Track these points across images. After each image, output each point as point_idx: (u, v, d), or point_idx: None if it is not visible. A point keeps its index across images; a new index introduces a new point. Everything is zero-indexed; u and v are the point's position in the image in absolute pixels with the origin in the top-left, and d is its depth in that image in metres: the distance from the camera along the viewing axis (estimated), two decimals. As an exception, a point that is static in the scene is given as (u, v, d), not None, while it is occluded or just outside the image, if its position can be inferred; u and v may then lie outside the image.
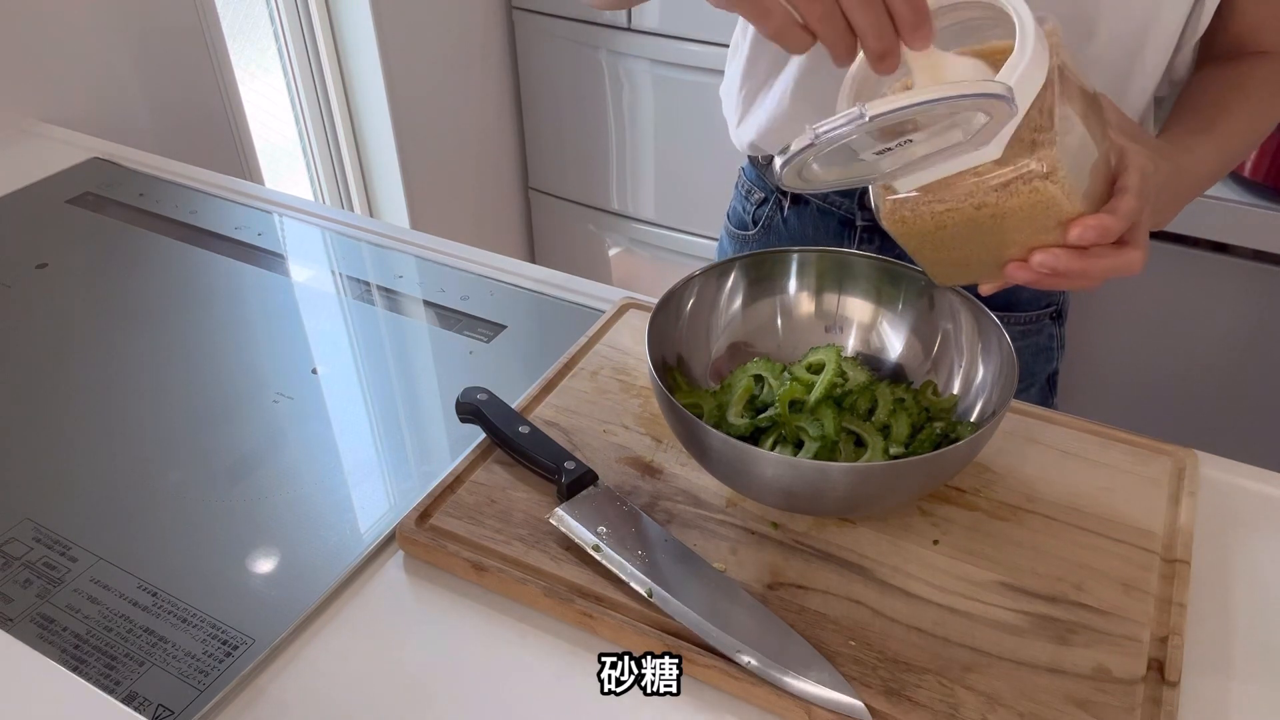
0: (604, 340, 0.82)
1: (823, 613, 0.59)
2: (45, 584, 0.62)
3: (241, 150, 1.53)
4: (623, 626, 0.57)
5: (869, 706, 0.53)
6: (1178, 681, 0.54)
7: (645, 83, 1.94)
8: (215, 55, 1.44)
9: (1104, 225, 0.53)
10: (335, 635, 0.60)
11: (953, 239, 0.56)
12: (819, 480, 0.58)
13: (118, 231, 1.03)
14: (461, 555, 0.62)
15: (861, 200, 0.87)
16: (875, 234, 0.88)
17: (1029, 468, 0.69)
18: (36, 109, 1.25)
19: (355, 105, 1.84)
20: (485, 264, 0.96)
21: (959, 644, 0.57)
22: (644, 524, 0.63)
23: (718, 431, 0.57)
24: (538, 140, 2.17)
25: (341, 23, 1.74)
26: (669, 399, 0.60)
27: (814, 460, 0.61)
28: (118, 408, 0.78)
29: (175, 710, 0.55)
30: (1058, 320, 0.93)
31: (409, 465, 0.73)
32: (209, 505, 0.69)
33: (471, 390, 0.72)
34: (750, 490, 0.63)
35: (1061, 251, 0.54)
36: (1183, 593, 0.59)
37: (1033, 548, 0.63)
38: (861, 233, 0.89)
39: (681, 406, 0.60)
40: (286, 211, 1.06)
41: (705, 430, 0.58)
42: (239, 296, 0.93)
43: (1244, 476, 0.70)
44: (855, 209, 0.87)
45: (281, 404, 0.78)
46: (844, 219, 0.89)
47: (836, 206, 0.89)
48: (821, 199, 0.90)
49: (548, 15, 1.97)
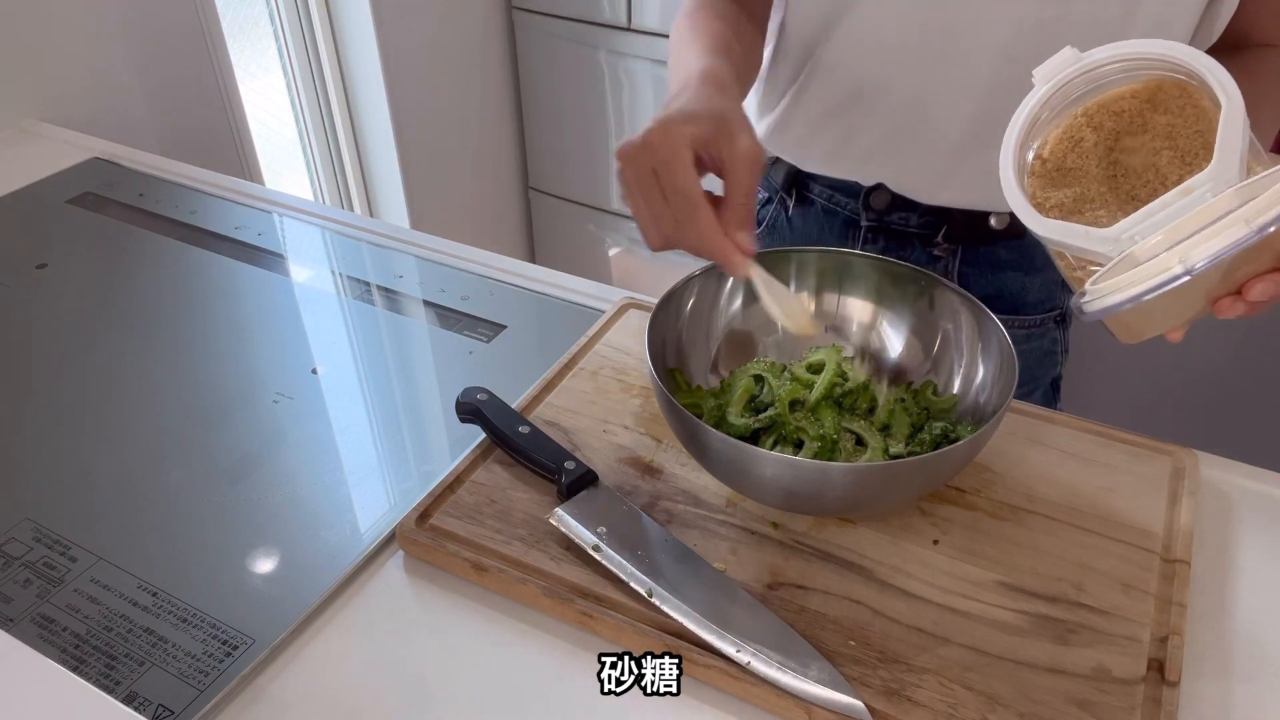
0: (604, 340, 0.82)
1: (823, 613, 0.59)
2: (45, 584, 0.62)
3: (241, 150, 1.53)
4: (623, 626, 0.57)
5: (869, 706, 0.53)
6: (1178, 681, 0.54)
7: (645, 83, 1.94)
8: (215, 55, 1.44)
9: None
10: (335, 635, 0.60)
11: (1182, 298, 0.52)
12: (819, 480, 0.58)
13: (118, 231, 1.03)
14: (461, 555, 0.62)
15: (866, 201, 0.86)
16: (880, 234, 0.88)
17: (1029, 468, 0.69)
18: (36, 109, 1.25)
19: (355, 105, 1.84)
20: (485, 264, 0.96)
21: (959, 644, 0.57)
22: (644, 524, 0.63)
23: (717, 431, 0.57)
24: (538, 140, 2.17)
25: (341, 23, 1.74)
26: (669, 399, 0.60)
27: (814, 460, 0.61)
28: (118, 408, 0.78)
29: (175, 710, 0.55)
30: (1062, 324, 0.93)
31: (409, 465, 0.73)
32: (209, 505, 0.69)
33: (471, 390, 0.72)
34: (750, 490, 0.63)
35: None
36: (1183, 593, 0.59)
37: (1033, 548, 0.63)
38: (866, 233, 0.88)
39: (681, 407, 0.60)
40: (286, 211, 1.06)
41: (705, 430, 0.58)
42: (239, 296, 0.93)
43: (1244, 476, 0.70)
44: (860, 209, 0.87)
45: (281, 404, 0.78)
46: (849, 219, 0.89)
47: (841, 207, 0.89)
48: (827, 199, 0.90)
49: (548, 15, 1.97)
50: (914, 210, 0.85)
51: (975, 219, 0.84)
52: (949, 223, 0.85)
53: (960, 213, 0.84)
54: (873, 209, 0.86)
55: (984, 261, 0.87)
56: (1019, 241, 0.86)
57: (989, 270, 0.87)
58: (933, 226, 0.86)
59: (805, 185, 0.90)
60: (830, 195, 0.89)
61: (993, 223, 0.84)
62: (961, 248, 0.86)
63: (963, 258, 0.87)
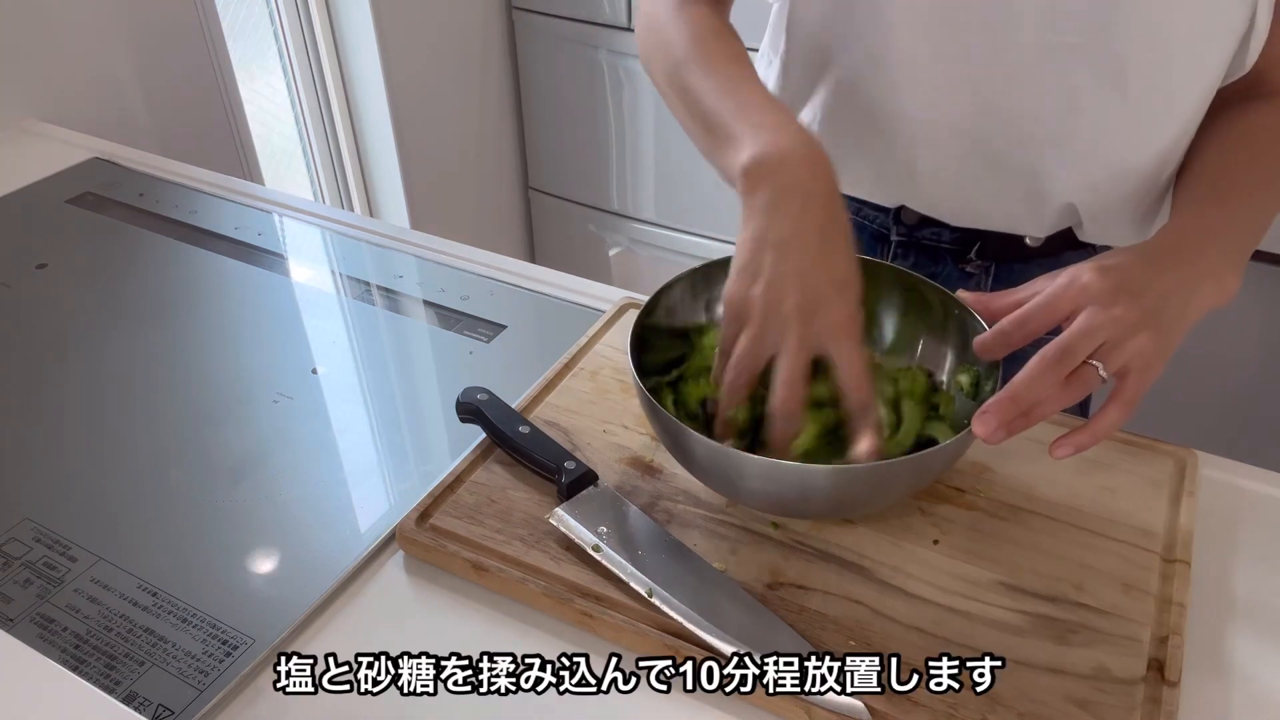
0: (604, 340, 0.82)
1: (823, 612, 0.59)
2: (45, 584, 0.62)
3: (241, 150, 1.53)
4: (623, 626, 0.57)
5: (869, 706, 0.53)
6: (1178, 681, 0.54)
7: (645, 83, 1.93)
8: (215, 55, 1.44)
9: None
10: (335, 635, 0.60)
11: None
12: (801, 483, 0.57)
13: (118, 231, 1.03)
14: (461, 555, 0.62)
15: (897, 216, 0.85)
16: (910, 250, 0.86)
17: (1029, 467, 0.69)
18: (36, 109, 1.25)
19: (355, 105, 1.84)
20: (485, 264, 0.96)
21: (959, 644, 0.57)
22: (644, 524, 0.63)
23: (700, 435, 0.57)
24: (538, 140, 2.17)
25: (341, 23, 1.74)
26: (652, 402, 0.59)
27: (796, 463, 0.59)
28: (118, 407, 0.78)
29: (175, 710, 0.55)
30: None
31: (409, 465, 0.73)
32: (209, 505, 0.69)
33: (472, 390, 0.72)
34: (737, 494, 0.63)
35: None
36: (1183, 593, 0.59)
37: (1033, 547, 0.63)
38: (896, 248, 0.86)
39: (664, 410, 0.59)
40: (286, 211, 1.06)
41: (688, 434, 0.57)
42: (239, 296, 0.93)
43: (1244, 476, 0.70)
44: (890, 224, 0.85)
45: (281, 404, 0.78)
46: (877, 233, 0.87)
47: (871, 220, 0.87)
48: (855, 212, 0.87)
49: (548, 15, 1.97)
50: (945, 227, 0.83)
51: (1009, 238, 0.82)
52: (982, 240, 0.83)
53: (994, 231, 0.82)
54: (903, 224, 0.85)
55: (1018, 280, 0.82)
56: (1054, 260, 0.83)
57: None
58: (965, 243, 0.84)
59: None
60: (859, 209, 0.87)
61: (1027, 242, 0.82)
62: (995, 265, 0.84)
63: (996, 275, 0.85)
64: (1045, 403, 0.54)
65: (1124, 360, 0.55)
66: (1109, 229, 0.79)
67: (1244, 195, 0.65)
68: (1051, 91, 0.70)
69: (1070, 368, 0.54)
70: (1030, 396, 0.54)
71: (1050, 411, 0.55)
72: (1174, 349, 0.57)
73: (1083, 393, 0.55)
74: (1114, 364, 0.55)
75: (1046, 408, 0.54)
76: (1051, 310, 0.56)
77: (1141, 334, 0.55)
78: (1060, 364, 0.54)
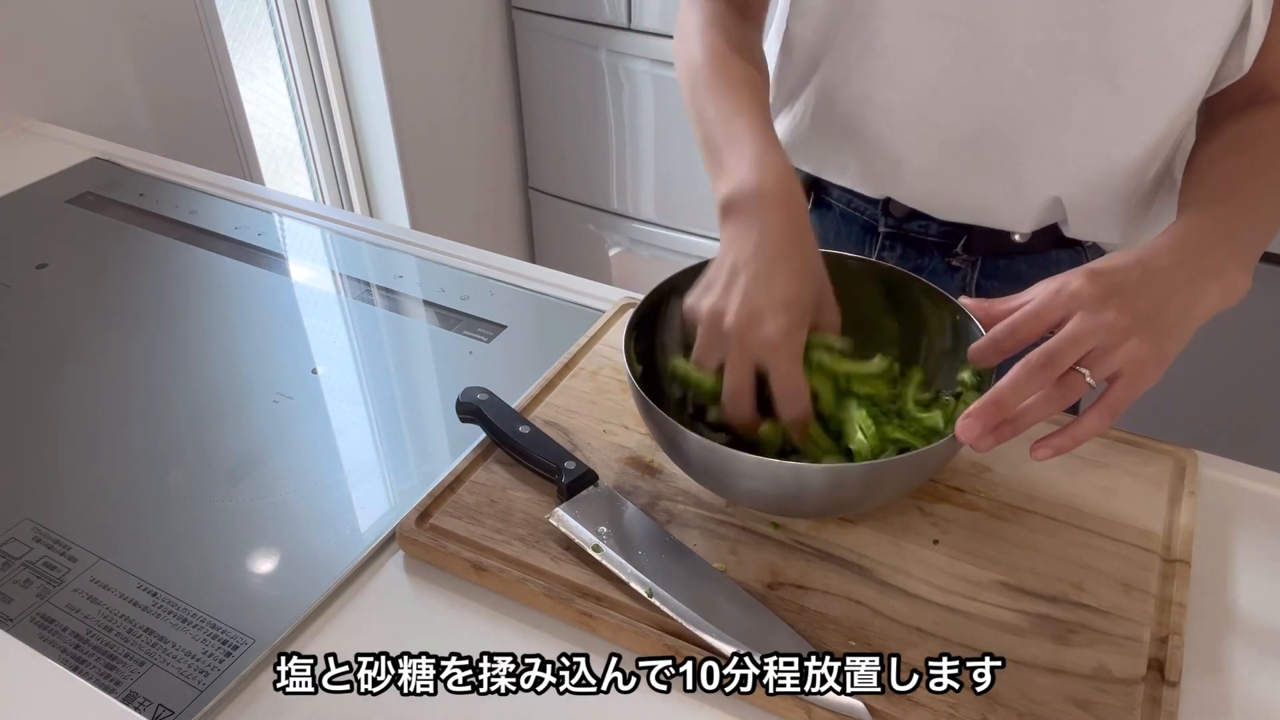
0: (604, 340, 0.82)
1: (823, 612, 0.59)
2: (45, 584, 0.62)
3: (241, 150, 1.53)
4: (622, 626, 0.57)
5: (869, 706, 0.53)
6: (1178, 681, 0.54)
7: (645, 83, 1.94)
8: (215, 55, 1.44)
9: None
10: (335, 635, 0.60)
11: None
12: (795, 484, 0.57)
13: (118, 231, 1.03)
14: (461, 555, 0.62)
15: (885, 207, 0.85)
16: (897, 242, 0.86)
17: (1029, 468, 0.69)
18: (36, 109, 1.25)
19: (355, 105, 1.84)
20: (485, 264, 0.96)
21: (959, 644, 0.57)
22: (644, 524, 0.63)
23: (693, 433, 0.57)
24: (538, 140, 2.17)
25: (341, 23, 1.74)
26: (646, 400, 0.59)
27: (788, 462, 0.59)
28: (118, 407, 0.78)
29: (175, 710, 0.55)
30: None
31: (409, 465, 0.73)
32: (209, 505, 0.69)
33: (472, 390, 0.72)
34: (730, 492, 0.63)
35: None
36: (1183, 593, 0.59)
37: (1033, 548, 0.63)
38: (884, 240, 0.87)
39: (660, 410, 0.59)
40: (286, 211, 1.06)
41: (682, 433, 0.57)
42: (239, 296, 0.93)
43: (1244, 476, 0.70)
44: (879, 215, 0.86)
45: (281, 404, 0.78)
46: (866, 225, 0.87)
47: (860, 212, 0.87)
48: (845, 204, 0.88)
49: (548, 15, 1.97)
50: (933, 220, 0.84)
51: (996, 232, 0.82)
52: (969, 234, 0.83)
53: (980, 226, 0.82)
54: (891, 216, 0.85)
55: (1004, 274, 0.85)
56: (1041, 256, 0.83)
57: (1009, 283, 0.84)
58: (952, 236, 0.84)
59: (824, 189, 0.89)
60: (849, 200, 0.88)
61: (1015, 237, 0.82)
62: (981, 259, 0.85)
63: (982, 269, 0.85)
64: (1032, 409, 0.54)
65: (1115, 366, 0.54)
66: (1095, 225, 0.79)
67: (1252, 196, 0.65)
68: (1040, 88, 0.71)
69: (1055, 373, 0.54)
70: (1013, 401, 0.53)
71: (1038, 418, 0.54)
72: (1175, 352, 0.57)
73: (1071, 398, 0.55)
74: (1103, 370, 0.54)
75: (1034, 414, 0.54)
76: (1040, 317, 0.56)
77: (1133, 339, 0.54)
78: (1045, 369, 0.53)
